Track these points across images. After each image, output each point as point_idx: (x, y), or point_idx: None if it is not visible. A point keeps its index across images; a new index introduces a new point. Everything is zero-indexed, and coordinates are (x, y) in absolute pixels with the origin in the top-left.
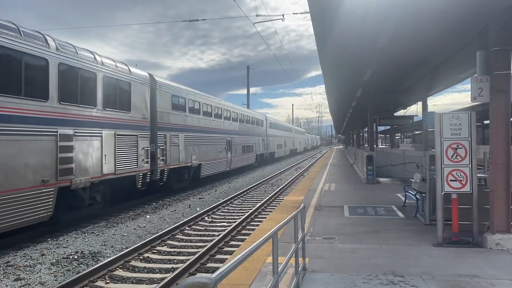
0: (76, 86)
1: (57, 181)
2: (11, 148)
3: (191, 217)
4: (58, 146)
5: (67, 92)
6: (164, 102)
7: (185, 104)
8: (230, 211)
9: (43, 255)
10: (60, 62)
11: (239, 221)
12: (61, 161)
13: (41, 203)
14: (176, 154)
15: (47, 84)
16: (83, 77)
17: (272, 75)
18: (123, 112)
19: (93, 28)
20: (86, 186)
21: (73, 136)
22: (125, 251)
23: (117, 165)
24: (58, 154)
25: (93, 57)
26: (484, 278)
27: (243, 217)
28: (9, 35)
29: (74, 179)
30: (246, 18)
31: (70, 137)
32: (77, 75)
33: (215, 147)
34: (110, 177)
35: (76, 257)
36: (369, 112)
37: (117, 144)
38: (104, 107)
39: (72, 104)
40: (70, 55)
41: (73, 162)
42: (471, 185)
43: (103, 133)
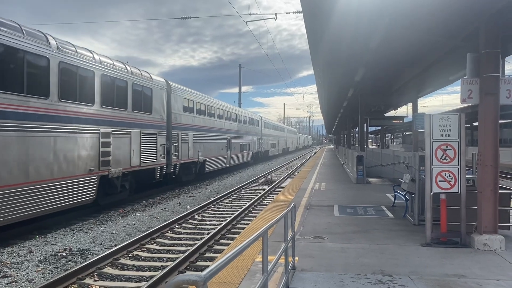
0: (113, 92)
1: (99, 170)
2: (70, 144)
3: (181, 215)
4: (100, 142)
5: (107, 98)
6: (177, 105)
7: (193, 106)
8: (221, 210)
9: (31, 252)
10: (103, 73)
11: (229, 220)
12: (102, 154)
13: (88, 188)
14: (186, 151)
15: (93, 91)
16: (119, 86)
17: (264, 74)
18: (146, 114)
19: (83, 24)
20: (119, 176)
21: (111, 134)
22: (114, 249)
23: (142, 159)
24: (100, 149)
25: (125, 68)
26: (471, 278)
27: (233, 216)
28: (70, 49)
29: (111, 169)
30: (239, 17)
31: (109, 135)
32: (114, 84)
33: (217, 145)
34: (136, 169)
35: (65, 255)
36: (360, 113)
37: (142, 141)
38: (133, 110)
39: (110, 108)
40: (110, 67)
41: (110, 155)
42: (460, 186)
43: (132, 132)
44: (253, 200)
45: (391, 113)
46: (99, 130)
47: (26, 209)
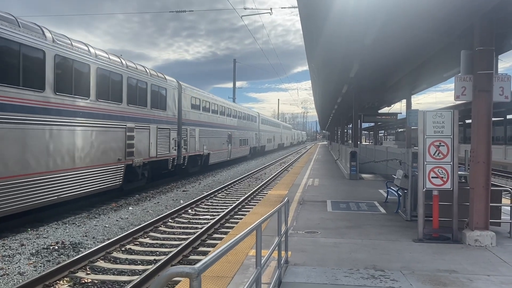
0: (136, 92)
1: (126, 160)
2: (104, 136)
3: (174, 210)
4: (126, 135)
5: (131, 96)
6: (186, 103)
7: (200, 104)
8: (214, 204)
9: (23, 245)
10: (129, 76)
11: (223, 214)
12: (128, 146)
13: (117, 175)
14: (193, 144)
15: (121, 92)
16: (140, 87)
17: (258, 70)
18: (162, 111)
19: (77, 17)
20: (140, 165)
21: (134, 129)
22: (107, 242)
23: (158, 151)
24: (126, 141)
25: (145, 70)
26: (463, 274)
27: (227, 210)
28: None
29: (134, 159)
30: (233, 11)
31: (133, 129)
32: (137, 85)
33: (220, 140)
34: (154, 159)
35: (57, 248)
36: (354, 109)
37: (158, 135)
38: (151, 107)
39: (134, 106)
40: (136, 71)
41: (134, 147)
42: (452, 183)
43: (150, 127)
44: (247, 195)
45: (385, 110)
46: (126, 125)
47: (75, 190)
